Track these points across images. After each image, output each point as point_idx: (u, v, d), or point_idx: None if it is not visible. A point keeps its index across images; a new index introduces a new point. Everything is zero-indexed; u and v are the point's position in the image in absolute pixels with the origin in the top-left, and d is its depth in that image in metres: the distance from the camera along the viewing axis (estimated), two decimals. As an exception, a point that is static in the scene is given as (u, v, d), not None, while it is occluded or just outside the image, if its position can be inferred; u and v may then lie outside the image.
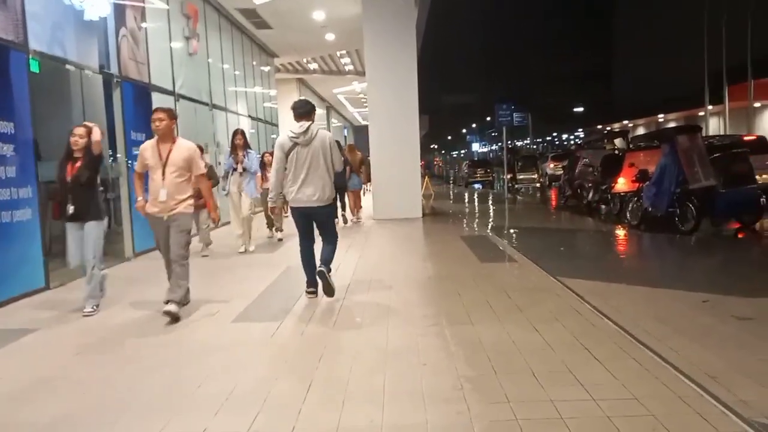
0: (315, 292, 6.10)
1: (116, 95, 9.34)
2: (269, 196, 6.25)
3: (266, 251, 9.56)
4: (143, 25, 10.32)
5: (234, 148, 9.14)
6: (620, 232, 11.13)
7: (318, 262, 5.95)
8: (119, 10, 9.39)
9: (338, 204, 10.50)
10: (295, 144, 5.90)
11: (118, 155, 9.50)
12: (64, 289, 7.13)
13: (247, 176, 9.08)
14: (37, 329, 5.35)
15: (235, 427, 3.21)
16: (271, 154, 9.21)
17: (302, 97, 10.51)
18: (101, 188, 8.75)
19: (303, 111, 6.05)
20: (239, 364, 4.27)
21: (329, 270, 5.97)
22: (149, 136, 10.01)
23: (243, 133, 9.26)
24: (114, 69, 9.24)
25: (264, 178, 9.84)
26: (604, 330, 4.74)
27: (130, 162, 9.41)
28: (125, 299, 6.41)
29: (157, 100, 10.61)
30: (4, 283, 6.34)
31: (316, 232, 6.16)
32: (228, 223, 10.76)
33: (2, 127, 6.44)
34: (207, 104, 13.70)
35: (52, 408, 3.57)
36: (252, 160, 9.13)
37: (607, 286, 6.30)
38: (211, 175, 8.19)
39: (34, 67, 7.16)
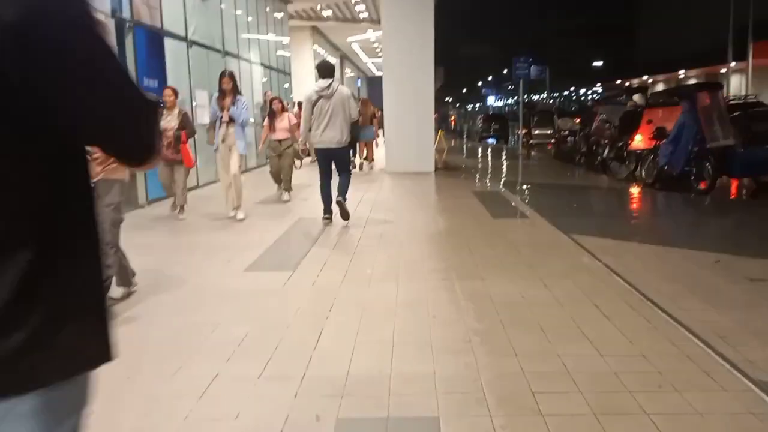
0: (330, 219, 7.49)
1: (128, 40, 9.23)
2: (299, 140, 8.16)
3: (270, 209, 9.52)
4: (155, -32, 10.12)
5: (221, 94, 7.71)
6: (634, 190, 11.03)
7: (335, 194, 7.35)
8: (131, -48, 9.20)
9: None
10: (320, 97, 7.29)
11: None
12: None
13: (235, 128, 7.70)
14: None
15: (247, 372, 3.27)
16: (281, 100, 9.67)
17: (325, 59, 10.87)
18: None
19: (327, 71, 7.55)
20: (251, 312, 4.32)
21: (345, 199, 7.38)
22: (161, 83, 10.02)
23: (232, 75, 7.81)
24: (126, 13, 9.11)
25: (271, 128, 9.30)
26: (614, 287, 4.74)
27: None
28: (139, 247, 6.47)
29: (170, 46, 10.51)
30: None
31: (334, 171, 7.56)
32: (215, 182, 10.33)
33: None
34: (219, 51, 13.53)
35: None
36: (241, 108, 7.65)
37: (619, 244, 6.28)
38: (184, 125, 7.59)
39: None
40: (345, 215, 7.42)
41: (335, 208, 7.44)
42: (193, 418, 2.81)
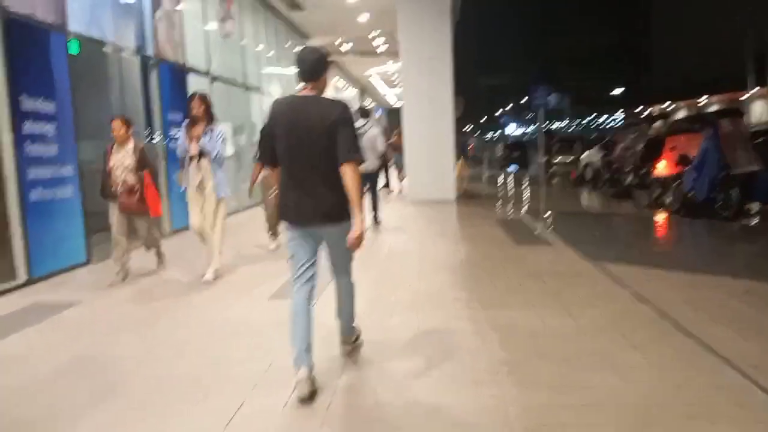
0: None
1: (153, 76, 9.45)
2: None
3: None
4: (179, 6, 10.40)
5: (190, 121, 6.10)
6: (659, 217, 10.90)
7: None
8: (156, -8, 9.47)
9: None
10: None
11: (155, 136, 9.63)
12: (105, 264, 7.30)
13: (208, 165, 6.06)
14: (78, 303, 5.49)
15: (272, 402, 3.25)
16: None
17: (364, 104, 11.15)
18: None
19: (364, 113, 8.46)
20: (275, 341, 4.31)
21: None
22: (185, 116, 10.20)
23: (204, 98, 6.12)
24: (150, 51, 9.34)
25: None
26: (641, 316, 4.66)
27: (166, 143, 9.56)
28: (163, 275, 6.53)
29: (193, 82, 10.72)
30: (48, 258, 6.53)
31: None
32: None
33: (44, 107, 6.58)
34: (241, 86, 13.78)
35: (91, 382, 3.67)
36: (216, 139, 6.03)
37: (646, 271, 6.19)
38: (144, 163, 6.20)
39: (74, 49, 7.28)
40: (375, 209, 9.54)
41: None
42: (217, 450, 2.80)
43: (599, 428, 2.88)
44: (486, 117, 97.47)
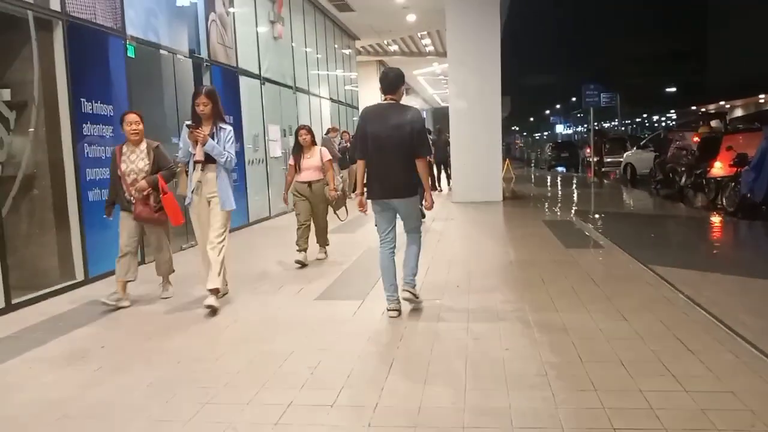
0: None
1: (206, 79, 9.67)
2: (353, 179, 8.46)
3: (338, 240, 9.62)
4: (231, 9, 10.61)
5: (194, 120, 5.27)
6: (715, 219, 10.55)
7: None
8: (209, -4, 9.69)
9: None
10: None
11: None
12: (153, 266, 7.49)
13: (215, 170, 5.24)
14: (135, 301, 5.66)
15: (320, 401, 3.28)
16: (309, 130, 7.19)
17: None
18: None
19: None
20: (323, 341, 4.36)
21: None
22: (237, 119, 10.41)
23: (211, 94, 5.34)
24: (204, 53, 9.56)
25: (297, 168, 7.06)
26: (697, 321, 4.52)
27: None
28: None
29: (244, 84, 10.93)
30: (105, 257, 6.73)
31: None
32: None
33: (102, 110, 6.81)
34: (291, 87, 13.96)
35: (148, 376, 3.78)
36: (224, 141, 5.22)
37: (702, 275, 6.00)
38: (159, 164, 5.52)
39: (131, 52, 7.51)
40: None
41: None
42: (269, 445, 2.84)
43: (654, 435, 2.81)
44: (533, 117, 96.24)
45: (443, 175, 16.87)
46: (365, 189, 4.94)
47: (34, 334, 4.75)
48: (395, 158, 4.68)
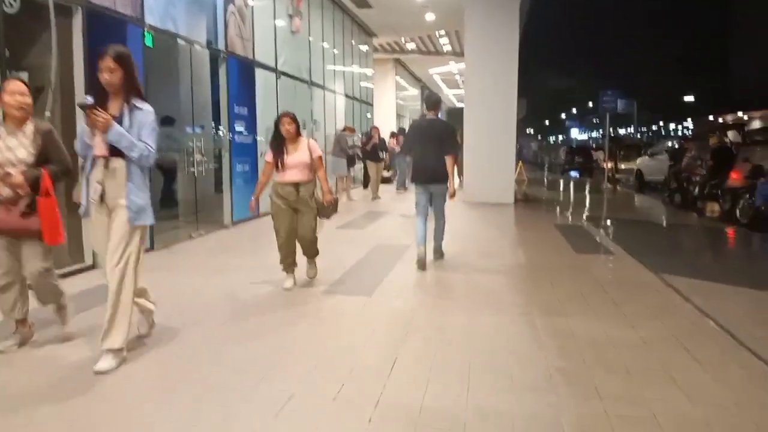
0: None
1: (222, 70, 9.69)
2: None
3: (348, 235, 9.59)
4: (250, 2, 10.62)
5: (97, 96, 3.80)
6: (728, 230, 10.45)
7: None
8: (228, -13, 9.70)
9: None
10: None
11: (221, 128, 9.88)
12: (167, 252, 7.55)
13: (124, 169, 3.73)
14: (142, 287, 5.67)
15: (322, 393, 3.28)
16: (293, 118, 5.55)
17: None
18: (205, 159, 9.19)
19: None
20: (328, 334, 4.36)
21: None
22: (251, 111, 10.43)
23: (121, 57, 3.76)
24: (221, 45, 9.58)
25: (278, 165, 5.50)
26: (706, 331, 4.48)
27: (231, 136, 9.78)
28: (222, 266, 6.69)
29: (260, 77, 10.94)
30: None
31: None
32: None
33: (119, 97, 6.82)
34: (306, 82, 13.97)
35: (151, 361, 3.79)
36: (138, 125, 3.73)
37: (712, 285, 5.94)
38: (47, 154, 3.96)
39: (148, 41, 7.53)
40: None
41: None
42: (269, 437, 2.85)
43: (657, 444, 2.78)
44: (548, 121, 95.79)
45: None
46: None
47: (41, 316, 4.77)
48: (433, 156, 6.58)
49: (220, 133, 9.95)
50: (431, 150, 6.59)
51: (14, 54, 5.72)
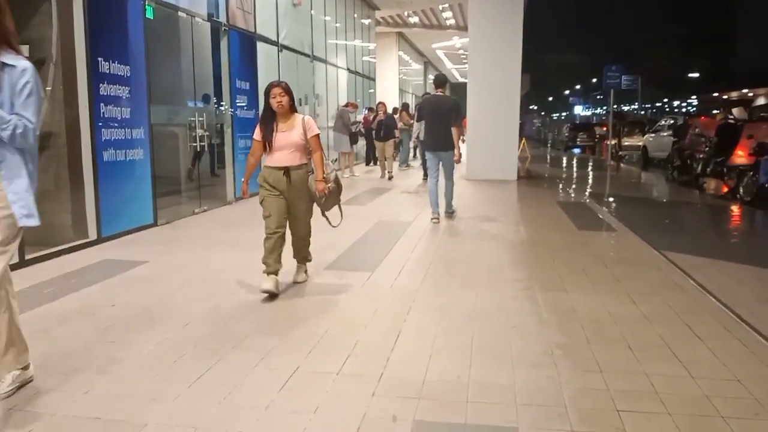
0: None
1: (223, 43, 9.61)
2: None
3: (351, 212, 9.56)
4: (252, -26, 10.49)
5: None
6: (731, 208, 10.43)
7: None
8: (230, -41, 9.57)
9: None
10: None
11: (223, 103, 9.82)
12: (170, 227, 7.56)
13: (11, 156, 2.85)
14: (145, 261, 5.71)
15: (326, 368, 3.31)
16: (290, 96, 4.74)
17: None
18: (207, 133, 9.13)
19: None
20: (330, 310, 4.38)
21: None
22: (253, 85, 10.36)
23: None
24: (222, 17, 9.49)
25: (266, 146, 4.70)
26: (707, 307, 4.49)
27: (233, 110, 9.73)
28: (225, 242, 6.71)
29: (262, 50, 10.85)
30: (118, 218, 6.79)
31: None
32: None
33: (119, 70, 6.79)
34: (308, 56, 13.85)
35: (156, 336, 3.82)
36: (14, 89, 2.84)
37: (713, 262, 5.95)
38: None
39: (149, 14, 7.46)
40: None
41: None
42: (273, 408, 2.88)
43: (656, 417, 2.80)
44: (552, 97, 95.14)
45: None
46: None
47: (46, 290, 4.81)
48: (441, 126, 7.87)
49: (222, 107, 9.90)
50: (439, 122, 7.85)
51: (15, 27, 5.64)
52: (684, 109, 63.17)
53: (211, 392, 3.04)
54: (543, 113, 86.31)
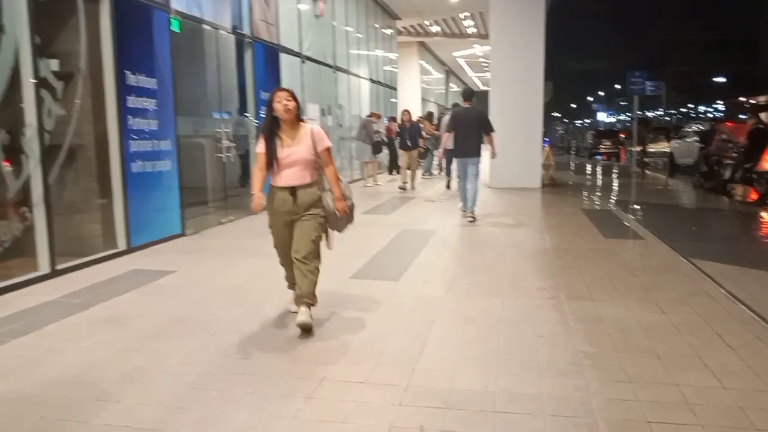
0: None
1: (248, 55, 9.72)
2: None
3: (371, 219, 9.57)
4: (275, -14, 10.61)
5: None
6: (760, 214, 10.24)
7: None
8: (253, -28, 9.70)
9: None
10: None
11: (248, 113, 9.92)
12: (198, 237, 7.65)
13: None
14: (174, 271, 5.78)
15: (352, 377, 3.32)
16: (293, 103, 4.14)
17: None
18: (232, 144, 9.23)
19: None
20: (356, 319, 4.39)
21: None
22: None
23: None
24: (246, 30, 9.61)
25: (271, 164, 4.18)
26: (738, 316, 4.41)
27: (258, 122, 9.82)
28: (252, 251, 6.76)
29: (285, 61, 10.95)
30: (147, 228, 6.89)
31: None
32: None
33: (146, 83, 6.91)
34: (331, 66, 13.95)
35: (185, 343, 3.86)
36: None
37: (744, 270, 5.84)
38: None
39: (175, 26, 7.58)
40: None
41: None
42: (301, 417, 2.89)
43: (688, 429, 2.76)
44: (576, 104, 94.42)
45: None
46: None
47: (76, 300, 4.89)
48: (471, 136, 8.68)
49: (247, 118, 9.99)
50: (467, 133, 8.67)
51: (44, 41, 5.79)
52: (711, 115, 62.24)
53: (239, 401, 3.06)
54: (566, 120, 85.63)
